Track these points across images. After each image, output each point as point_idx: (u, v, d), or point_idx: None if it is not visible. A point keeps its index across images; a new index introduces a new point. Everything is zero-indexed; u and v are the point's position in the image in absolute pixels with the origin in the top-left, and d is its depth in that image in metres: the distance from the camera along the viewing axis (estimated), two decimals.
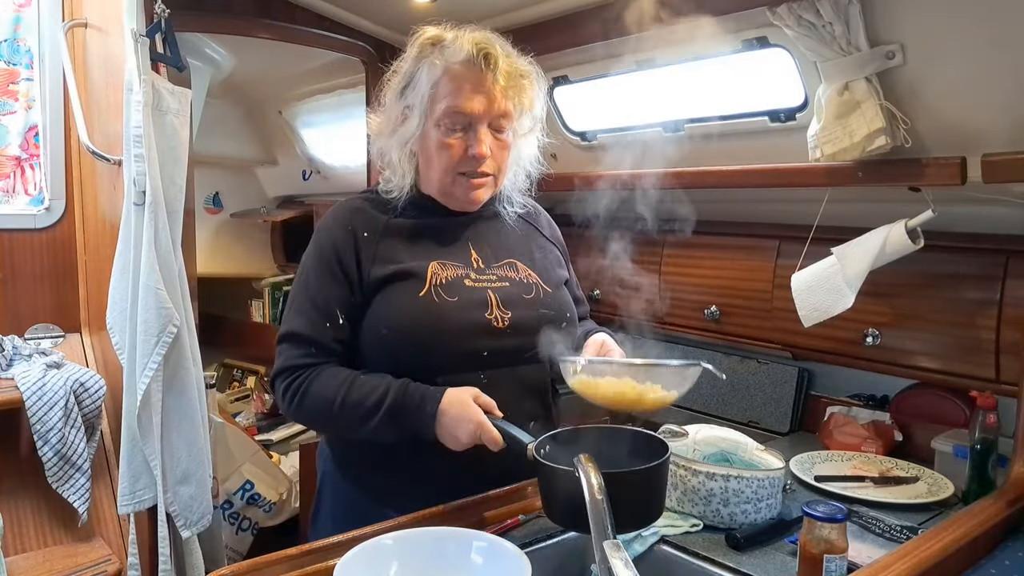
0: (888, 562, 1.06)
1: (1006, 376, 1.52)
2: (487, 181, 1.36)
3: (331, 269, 1.32)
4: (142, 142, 1.66)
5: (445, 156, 1.32)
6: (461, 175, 1.34)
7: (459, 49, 1.28)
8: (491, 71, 1.28)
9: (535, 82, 1.36)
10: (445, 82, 1.29)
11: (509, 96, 1.31)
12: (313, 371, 1.30)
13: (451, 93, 1.29)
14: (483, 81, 1.28)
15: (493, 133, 1.33)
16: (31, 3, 2.31)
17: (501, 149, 1.35)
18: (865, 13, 1.33)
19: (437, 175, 1.36)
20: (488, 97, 1.29)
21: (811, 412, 2.04)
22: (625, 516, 1.01)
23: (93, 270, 2.30)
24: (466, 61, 1.28)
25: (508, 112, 1.32)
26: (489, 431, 1.18)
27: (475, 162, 1.32)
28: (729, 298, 2.04)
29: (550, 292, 1.41)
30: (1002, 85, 1.29)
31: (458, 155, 1.32)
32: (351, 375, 1.28)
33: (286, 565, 1.09)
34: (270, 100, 3.29)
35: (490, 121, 1.31)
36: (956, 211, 1.54)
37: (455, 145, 1.31)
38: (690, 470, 1.37)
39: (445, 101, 1.29)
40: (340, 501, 1.40)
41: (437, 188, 1.38)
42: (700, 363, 1.22)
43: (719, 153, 1.82)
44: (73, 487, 1.90)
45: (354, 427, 1.27)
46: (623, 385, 1.20)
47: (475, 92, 1.29)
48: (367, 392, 1.25)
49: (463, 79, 1.29)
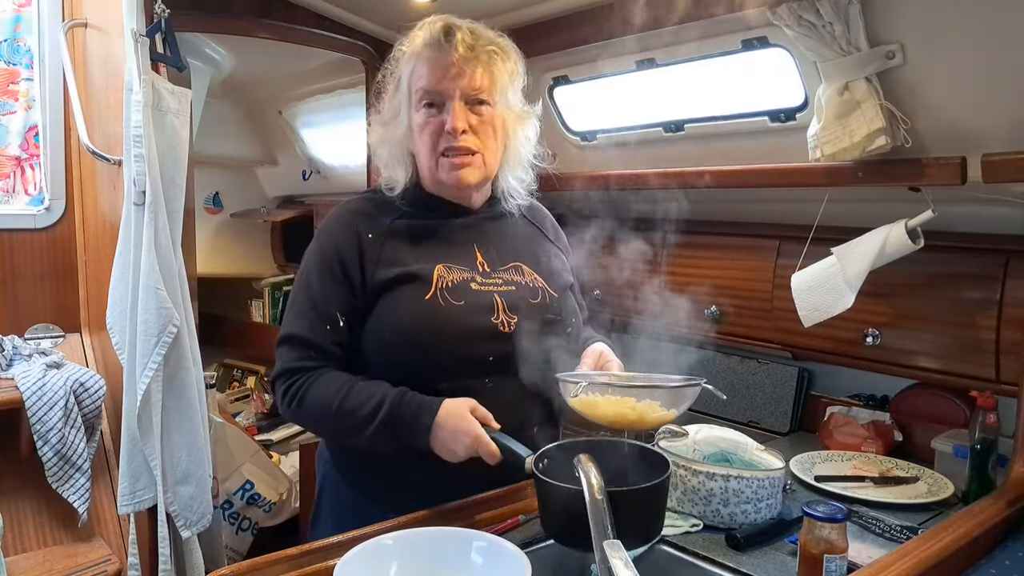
0: (888, 562, 1.06)
1: (1006, 376, 1.52)
2: (472, 160, 1.33)
3: (333, 271, 1.31)
4: (142, 142, 1.65)
5: (425, 138, 1.33)
6: (444, 156, 1.33)
7: (425, 32, 1.31)
8: (451, 45, 1.29)
9: (508, 55, 1.35)
10: (417, 68, 1.32)
11: (473, 66, 1.30)
12: (312, 375, 1.29)
13: (421, 75, 1.31)
14: (448, 56, 1.29)
15: (471, 108, 1.32)
16: (31, 3, 2.31)
17: (483, 124, 1.33)
18: (865, 13, 1.33)
19: (424, 162, 1.36)
20: (454, 70, 1.29)
21: (811, 412, 2.04)
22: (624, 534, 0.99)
23: (93, 270, 2.30)
24: (431, 42, 1.30)
25: (479, 85, 1.31)
26: (487, 444, 1.18)
27: (452, 137, 1.31)
28: (729, 298, 2.04)
29: (556, 297, 1.40)
30: (1002, 85, 1.29)
31: (435, 133, 1.32)
32: (348, 381, 1.27)
33: (286, 565, 1.09)
34: (270, 100, 3.29)
35: (463, 96, 1.31)
36: (956, 211, 1.54)
37: (432, 124, 1.32)
38: (690, 470, 1.37)
39: (417, 84, 1.32)
40: (341, 505, 1.39)
41: (428, 177, 1.38)
42: (700, 382, 1.21)
43: (719, 153, 1.82)
44: (73, 487, 1.90)
45: (350, 435, 1.27)
46: (623, 406, 1.19)
47: (438, 67, 1.30)
48: (363, 400, 1.24)
49: (429, 59, 1.31)
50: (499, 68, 1.33)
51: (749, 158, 1.77)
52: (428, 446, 1.22)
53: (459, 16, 1.35)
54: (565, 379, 1.26)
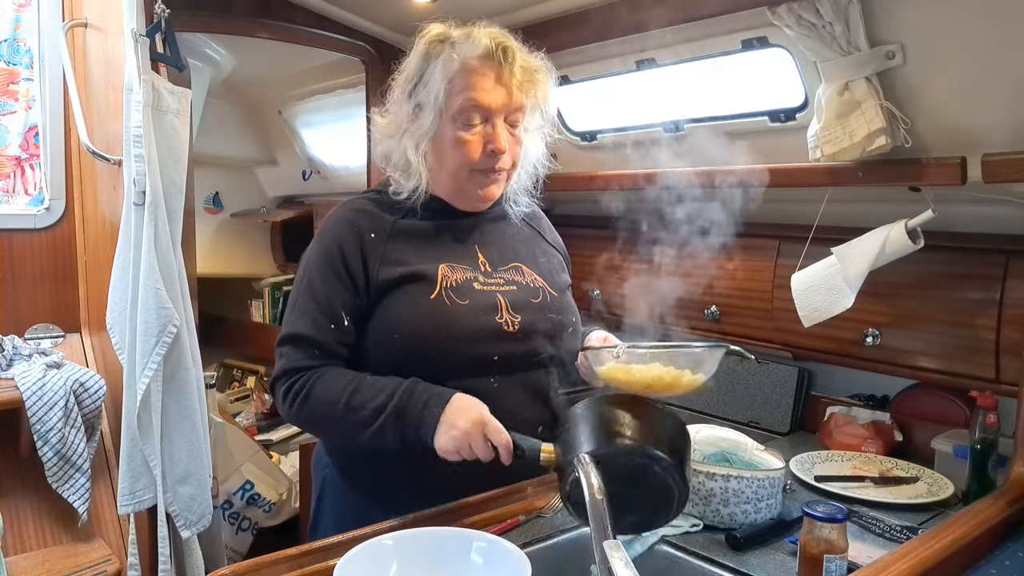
0: (888, 562, 1.06)
1: (1006, 376, 1.52)
2: (502, 176, 1.35)
3: (336, 270, 1.30)
4: (142, 142, 1.66)
5: (461, 152, 1.30)
6: (477, 171, 1.32)
7: (476, 43, 1.27)
8: (509, 65, 1.27)
9: (548, 77, 1.35)
10: (462, 77, 1.28)
11: (525, 90, 1.30)
12: (316, 372, 1.27)
13: (469, 87, 1.27)
14: (501, 75, 1.28)
15: (508, 128, 1.32)
16: (31, 3, 2.30)
17: (515, 144, 1.34)
18: (865, 13, 1.33)
19: (450, 172, 1.34)
20: (507, 90, 1.28)
21: (811, 412, 2.04)
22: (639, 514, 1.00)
23: (93, 270, 2.30)
24: (484, 55, 1.27)
25: (523, 106, 1.32)
26: (492, 422, 1.16)
27: (494, 158, 1.31)
28: (729, 298, 2.04)
29: (556, 296, 1.40)
30: (1002, 85, 1.29)
31: (476, 150, 1.30)
32: (357, 376, 1.26)
33: (286, 565, 1.09)
34: (270, 100, 3.29)
35: (506, 116, 1.31)
36: (956, 211, 1.54)
37: (473, 141, 1.30)
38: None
39: (462, 95, 1.28)
40: (342, 508, 1.38)
41: (449, 186, 1.36)
42: (725, 345, 1.20)
43: (719, 153, 1.82)
44: (73, 487, 1.90)
45: (357, 430, 1.24)
46: (659, 370, 1.17)
47: (493, 85, 1.28)
48: (375, 392, 1.23)
49: (481, 73, 1.27)
50: (542, 94, 1.34)
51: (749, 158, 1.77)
52: (433, 429, 1.19)
53: (459, 16, 1.35)
54: (597, 349, 1.25)
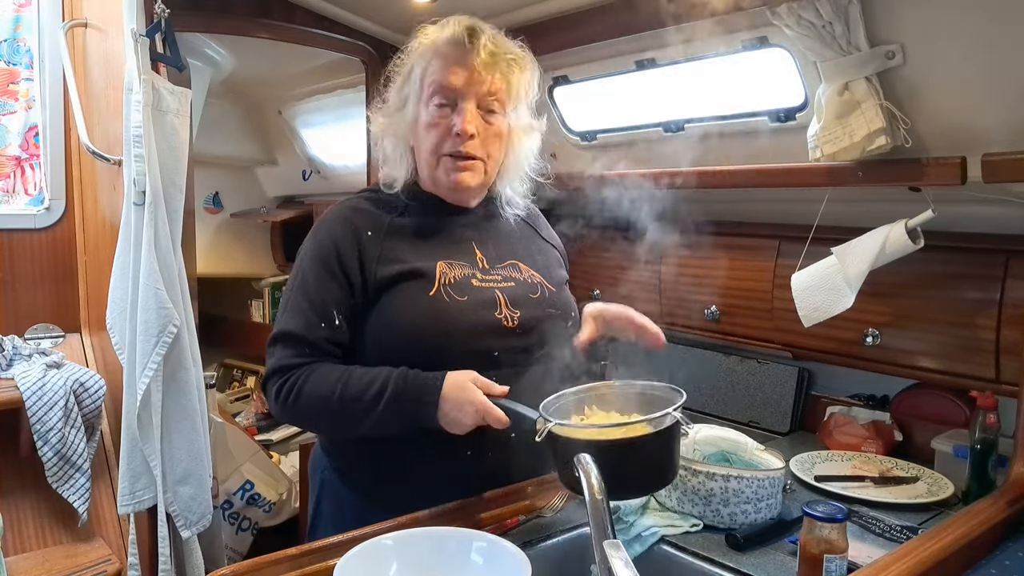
0: (888, 562, 1.06)
1: (1006, 376, 1.52)
2: (473, 165, 1.34)
3: (331, 269, 1.30)
4: (142, 142, 1.66)
5: (431, 135, 1.32)
6: (446, 156, 1.33)
7: (448, 31, 1.30)
8: (474, 46, 1.28)
9: (526, 67, 1.35)
10: (432, 61, 1.31)
11: (491, 71, 1.30)
12: (306, 369, 1.27)
13: (436, 70, 1.31)
14: (466, 56, 1.29)
15: (483, 115, 1.32)
16: (31, 3, 2.30)
17: (493, 135, 1.34)
18: (865, 13, 1.33)
19: (424, 159, 1.36)
20: (471, 71, 1.29)
21: (811, 412, 2.04)
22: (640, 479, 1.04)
23: (93, 270, 2.30)
24: (451, 39, 1.30)
25: (495, 91, 1.32)
26: (492, 411, 1.17)
27: (458, 140, 1.30)
28: (729, 298, 2.04)
29: (554, 291, 1.41)
30: (1002, 85, 1.29)
31: (442, 133, 1.31)
32: (346, 370, 1.26)
33: (286, 565, 1.09)
34: (270, 100, 3.29)
35: (477, 100, 1.31)
36: (956, 211, 1.54)
37: (440, 123, 1.31)
38: (690, 470, 1.36)
39: (430, 78, 1.31)
40: (341, 510, 1.38)
41: (426, 175, 1.38)
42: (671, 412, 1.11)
43: (719, 153, 1.82)
44: (73, 487, 1.90)
45: (353, 422, 1.25)
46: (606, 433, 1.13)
47: (457, 66, 1.29)
48: (365, 385, 1.23)
49: (447, 55, 1.30)
50: (517, 79, 1.34)
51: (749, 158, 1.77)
52: (435, 422, 1.21)
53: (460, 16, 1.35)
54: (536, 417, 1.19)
